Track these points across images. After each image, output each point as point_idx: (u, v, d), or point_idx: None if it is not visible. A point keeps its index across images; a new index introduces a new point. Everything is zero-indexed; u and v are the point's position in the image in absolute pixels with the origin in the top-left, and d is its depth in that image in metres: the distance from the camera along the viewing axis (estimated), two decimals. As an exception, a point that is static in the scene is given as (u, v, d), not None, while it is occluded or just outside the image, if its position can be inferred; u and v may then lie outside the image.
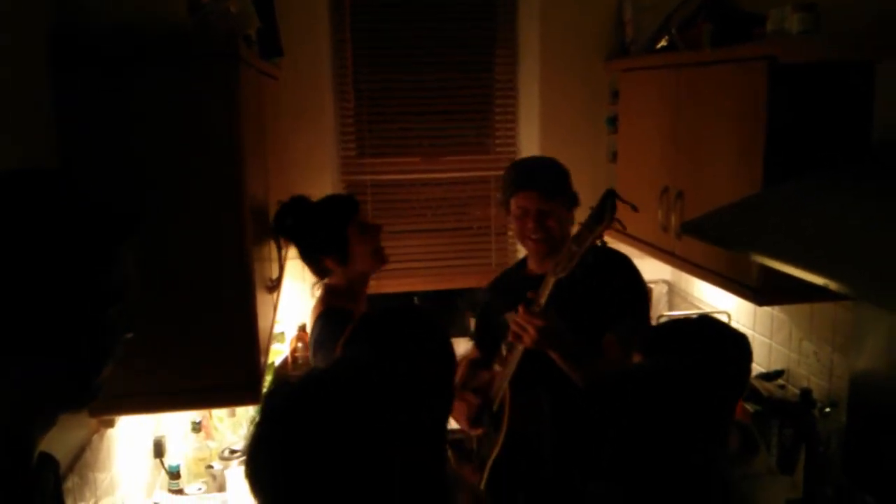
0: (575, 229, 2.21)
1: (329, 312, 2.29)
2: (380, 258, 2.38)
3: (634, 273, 2.35)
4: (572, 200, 2.31)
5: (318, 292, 2.43)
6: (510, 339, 2.08)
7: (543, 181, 2.26)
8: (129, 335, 0.98)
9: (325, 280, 2.39)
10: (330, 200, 2.39)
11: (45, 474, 0.99)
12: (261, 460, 0.92)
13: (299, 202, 2.34)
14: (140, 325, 1.61)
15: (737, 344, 1.67)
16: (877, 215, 1.64)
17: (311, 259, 2.35)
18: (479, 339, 2.56)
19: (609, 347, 2.17)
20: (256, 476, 0.92)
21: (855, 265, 1.51)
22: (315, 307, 2.41)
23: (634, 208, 1.93)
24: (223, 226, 1.67)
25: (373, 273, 2.44)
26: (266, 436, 0.92)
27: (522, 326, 2.01)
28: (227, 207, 1.66)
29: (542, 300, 2.01)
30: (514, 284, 2.39)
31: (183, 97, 1.62)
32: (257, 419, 0.94)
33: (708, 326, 1.75)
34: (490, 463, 2.27)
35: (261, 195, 2.02)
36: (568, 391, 2.05)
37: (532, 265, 2.39)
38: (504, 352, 2.25)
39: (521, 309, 2.02)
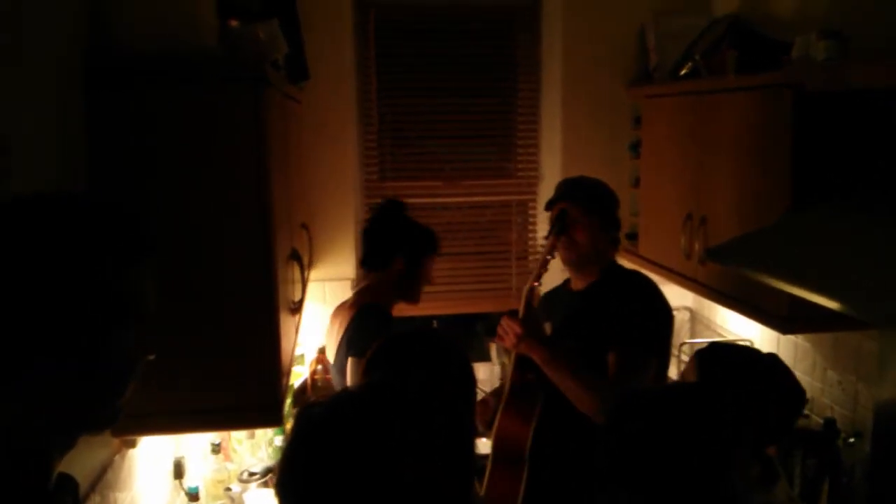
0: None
1: (368, 308, 2.46)
2: (415, 299, 2.60)
3: (650, 297, 2.34)
4: (610, 221, 2.37)
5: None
6: (495, 340, 2.30)
7: (580, 193, 2.35)
8: (151, 356, 0.98)
9: (366, 281, 2.60)
10: (423, 227, 2.60)
11: (62, 496, 0.98)
12: (290, 480, 0.92)
13: (398, 211, 2.57)
14: (165, 344, 1.65)
15: (796, 389, 1.68)
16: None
17: (385, 248, 2.52)
18: None
19: (612, 363, 2.21)
20: (286, 496, 0.93)
21: (880, 293, 1.49)
22: (347, 307, 2.55)
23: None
24: (250, 247, 1.68)
25: (399, 302, 2.60)
26: (295, 456, 0.93)
27: (505, 329, 2.22)
28: (254, 229, 1.68)
29: (521, 307, 2.23)
30: (556, 298, 2.53)
31: (211, 120, 1.64)
32: (288, 440, 0.95)
33: (771, 364, 1.75)
34: (490, 458, 2.32)
35: (286, 217, 2.03)
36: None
37: (572, 283, 2.47)
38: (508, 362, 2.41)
39: (504, 315, 2.24)
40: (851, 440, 2.41)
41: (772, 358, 1.83)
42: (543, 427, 2.22)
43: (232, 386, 1.72)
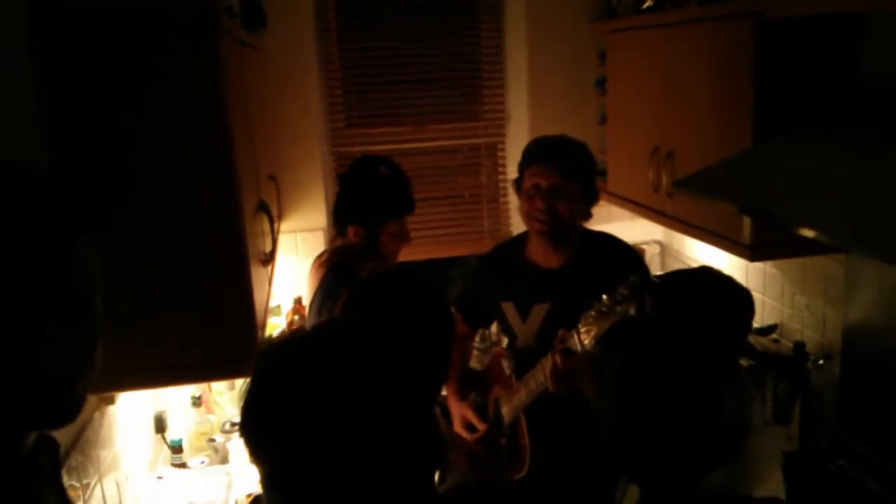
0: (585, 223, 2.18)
1: (340, 263, 2.38)
2: (392, 259, 2.46)
3: (633, 261, 2.25)
4: (590, 191, 2.19)
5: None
6: (551, 387, 1.92)
7: (561, 157, 2.15)
8: (99, 347, 0.93)
9: (339, 241, 2.49)
10: (395, 189, 2.40)
11: (40, 458, 0.96)
12: (254, 421, 0.91)
13: (372, 170, 2.41)
14: (135, 300, 1.65)
15: (739, 297, 1.68)
16: (865, 167, 1.64)
17: (340, 216, 2.43)
18: (465, 313, 2.46)
19: None
20: (252, 436, 0.91)
21: (844, 216, 1.52)
22: (320, 263, 2.48)
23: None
24: (215, 199, 1.66)
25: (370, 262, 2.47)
26: (258, 395, 0.90)
27: (567, 373, 1.88)
28: (217, 180, 1.65)
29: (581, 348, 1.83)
30: (512, 270, 2.30)
31: (166, 70, 1.60)
32: (250, 379, 0.92)
33: (710, 278, 1.74)
34: (512, 481, 2.21)
35: (250, 169, 2.01)
36: (584, 411, 1.93)
37: (533, 254, 2.27)
38: (512, 378, 2.20)
39: (558, 359, 1.88)
40: (821, 362, 2.47)
41: (707, 272, 1.82)
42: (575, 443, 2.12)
43: (206, 339, 1.71)
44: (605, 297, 1.72)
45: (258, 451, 0.91)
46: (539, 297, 2.21)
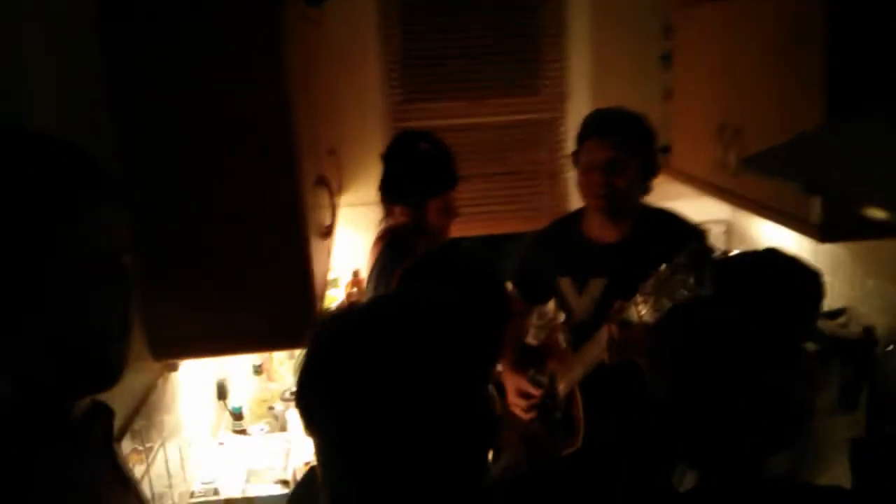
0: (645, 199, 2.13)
1: (394, 241, 2.35)
2: (441, 237, 2.42)
3: (692, 236, 2.18)
4: (649, 164, 2.14)
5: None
6: (606, 358, 1.86)
7: (618, 130, 2.10)
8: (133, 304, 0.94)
9: (389, 220, 2.46)
10: (438, 164, 2.37)
11: (91, 425, 0.97)
12: (309, 392, 0.91)
13: (411, 145, 2.37)
14: (199, 269, 1.68)
15: (807, 280, 1.62)
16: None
17: (385, 196, 2.41)
18: (522, 289, 2.46)
19: None
20: (306, 407, 0.92)
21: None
22: (376, 240, 2.47)
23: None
24: (276, 172, 1.68)
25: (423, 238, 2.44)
26: (313, 367, 0.91)
27: (623, 344, 1.82)
28: (278, 154, 1.67)
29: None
30: (568, 247, 2.28)
31: (229, 43, 1.62)
32: (305, 351, 0.92)
33: (776, 259, 1.69)
34: (565, 455, 2.19)
35: (311, 144, 2.02)
36: (639, 385, 1.87)
37: (590, 229, 2.24)
38: (568, 351, 2.19)
39: (614, 329, 1.82)
40: (890, 348, 2.38)
41: (771, 252, 1.76)
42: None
43: (266, 310, 1.75)
44: (663, 266, 1.69)
45: (312, 422, 0.91)
46: (595, 271, 2.19)
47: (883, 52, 1.99)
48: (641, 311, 1.72)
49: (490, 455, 1.32)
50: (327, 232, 2.13)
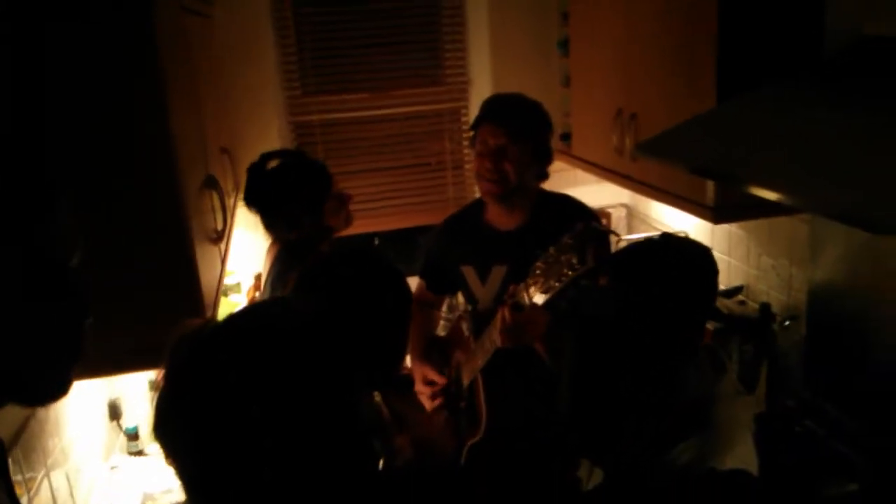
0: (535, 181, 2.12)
1: (290, 244, 2.25)
2: (348, 222, 2.35)
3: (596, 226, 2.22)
4: (542, 150, 2.14)
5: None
6: (500, 342, 1.85)
7: (510, 117, 2.10)
8: (90, 321, 0.88)
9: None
10: (302, 172, 2.24)
11: None
12: (164, 420, 0.84)
13: (266, 179, 2.22)
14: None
15: (702, 260, 1.63)
16: (829, 126, 1.60)
17: (279, 233, 2.28)
18: (430, 281, 2.45)
19: None
20: (164, 437, 0.85)
21: (806, 178, 1.47)
22: (272, 243, 2.38)
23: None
24: (155, 176, 1.58)
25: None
26: (168, 392, 0.83)
27: (515, 328, 1.82)
28: (154, 156, 1.57)
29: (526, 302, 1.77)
30: (471, 234, 2.28)
31: (97, 41, 1.50)
32: (163, 372, 0.84)
33: (671, 247, 1.70)
34: (467, 447, 2.19)
35: (196, 142, 1.92)
36: (537, 371, 1.95)
37: (491, 217, 2.24)
38: (471, 340, 2.17)
39: (506, 313, 1.82)
40: (787, 323, 2.45)
41: (669, 239, 1.78)
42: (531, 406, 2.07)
43: (152, 323, 1.64)
44: (551, 248, 1.69)
45: (171, 452, 0.84)
46: (497, 259, 2.19)
47: (771, 37, 2.02)
48: (533, 293, 1.73)
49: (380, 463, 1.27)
50: (219, 236, 2.03)
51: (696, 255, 1.62)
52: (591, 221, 1.78)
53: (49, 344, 0.84)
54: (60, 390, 0.86)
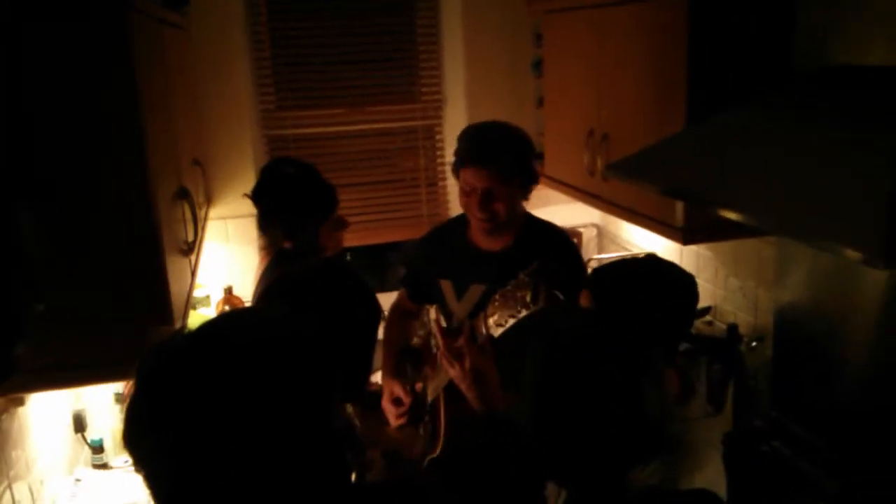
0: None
1: (280, 258, 2.26)
2: (337, 247, 2.37)
3: (571, 256, 2.24)
4: (529, 179, 2.15)
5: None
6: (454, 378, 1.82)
7: (499, 160, 2.08)
8: (40, 307, 0.88)
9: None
10: (312, 187, 2.28)
11: None
12: (134, 431, 0.83)
13: (278, 176, 2.27)
14: (46, 294, 1.54)
15: (684, 282, 1.66)
16: (797, 148, 1.63)
17: (272, 237, 2.31)
18: (411, 291, 2.49)
19: None
20: (134, 448, 0.84)
21: (771, 199, 1.50)
22: (262, 256, 2.38)
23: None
24: (124, 185, 1.57)
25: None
26: (138, 402, 0.83)
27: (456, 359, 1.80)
28: (126, 165, 1.55)
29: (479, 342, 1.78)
30: (453, 250, 2.29)
31: (71, 50, 1.49)
32: (134, 383, 0.84)
33: (654, 266, 1.73)
34: (426, 462, 2.16)
35: (169, 153, 1.91)
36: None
37: (475, 236, 2.26)
38: (438, 356, 2.08)
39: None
40: (754, 344, 2.48)
41: (651, 260, 1.81)
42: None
43: (121, 334, 1.62)
44: (510, 282, 1.71)
45: (140, 462, 0.84)
46: (476, 277, 2.20)
47: (740, 60, 2.07)
48: (490, 323, 1.74)
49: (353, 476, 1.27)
50: (190, 248, 2.02)
51: (681, 276, 1.65)
52: (550, 261, 1.79)
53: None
54: (6, 371, 0.85)
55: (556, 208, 3.16)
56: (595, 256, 3.32)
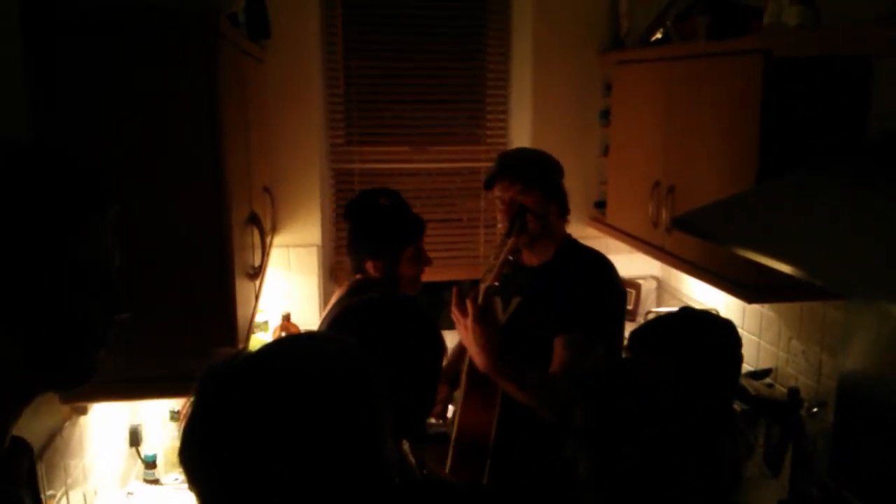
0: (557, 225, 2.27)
1: (356, 288, 2.30)
2: (415, 286, 2.40)
3: (603, 278, 2.26)
4: (554, 191, 2.24)
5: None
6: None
7: (518, 171, 2.21)
8: (124, 315, 0.91)
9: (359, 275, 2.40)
10: (402, 214, 2.38)
11: (18, 460, 0.92)
12: (190, 447, 0.85)
13: (373, 201, 2.37)
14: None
15: (723, 331, 1.64)
16: (869, 212, 1.61)
17: (356, 253, 2.37)
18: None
19: (557, 349, 2.11)
20: (189, 462, 0.85)
21: (843, 261, 1.48)
22: (341, 292, 2.42)
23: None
24: (203, 208, 1.62)
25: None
26: (197, 419, 0.85)
27: (459, 315, 2.02)
28: (205, 188, 1.61)
29: (479, 302, 2.00)
30: (519, 270, 2.35)
31: (161, 73, 1.57)
32: (193, 400, 0.86)
33: (690, 318, 1.71)
34: (452, 445, 2.21)
35: (243, 179, 1.97)
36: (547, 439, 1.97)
37: (524, 255, 2.35)
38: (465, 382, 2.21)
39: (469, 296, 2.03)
40: (815, 410, 2.41)
41: (689, 311, 1.78)
42: (507, 415, 2.11)
43: (186, 351, 1.66)
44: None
45: (194, 480, 0.85)
46: (515, 290, 2.26)
47: (814, 122, 2.05)
48: (486, 280, 2.08)
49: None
50: (256, 273, 2.06)
51: (721, 327, 1.63)
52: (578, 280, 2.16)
53: (82, 331, 0.86)
54: (85, 375, 0.88)
55: (616, 257, 3.11)
56: (653, 309, 3.28)
